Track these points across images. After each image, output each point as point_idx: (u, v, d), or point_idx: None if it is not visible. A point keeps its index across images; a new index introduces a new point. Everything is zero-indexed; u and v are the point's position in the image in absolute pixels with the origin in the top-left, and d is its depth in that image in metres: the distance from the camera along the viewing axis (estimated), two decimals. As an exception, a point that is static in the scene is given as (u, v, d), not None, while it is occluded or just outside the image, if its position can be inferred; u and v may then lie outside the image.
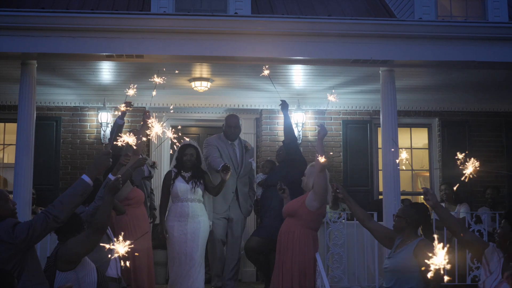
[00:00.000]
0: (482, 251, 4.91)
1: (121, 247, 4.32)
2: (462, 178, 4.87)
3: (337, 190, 5.77)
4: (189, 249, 7.52)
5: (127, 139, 5.35)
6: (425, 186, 5.31)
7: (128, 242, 4.41)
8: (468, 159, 4.86)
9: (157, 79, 7.08)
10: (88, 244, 4.93)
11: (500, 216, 7.26)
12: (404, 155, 5.33)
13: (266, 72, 7.32)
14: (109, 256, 5.82)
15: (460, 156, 4.87)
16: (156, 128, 6.12)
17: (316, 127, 6.81)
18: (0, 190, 4.99)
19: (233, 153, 8.22)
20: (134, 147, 5.95)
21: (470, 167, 4.87)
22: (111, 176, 5.94)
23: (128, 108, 7.83)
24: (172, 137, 6.77)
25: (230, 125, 8.35)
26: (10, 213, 4.78)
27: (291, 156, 7.96)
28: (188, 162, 7.75)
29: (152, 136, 6.14)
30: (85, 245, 4.91)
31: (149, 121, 6.02)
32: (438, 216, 5.11)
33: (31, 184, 7.95)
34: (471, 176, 4.85)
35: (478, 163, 4.87)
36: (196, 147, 7.86)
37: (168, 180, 7.77)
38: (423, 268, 4.61)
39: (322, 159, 6.37)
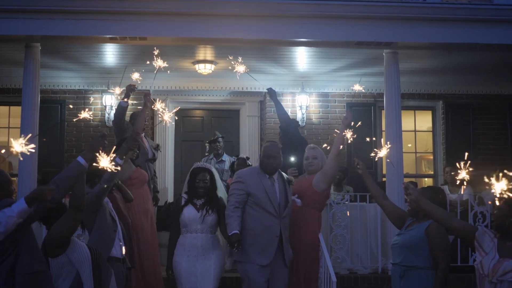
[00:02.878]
0: (473, 235, 4.93)
1: (105, 161, 4.72)
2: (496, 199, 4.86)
3: (358, 166, 5.69)
4: None
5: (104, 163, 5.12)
6: (406, 182, 5.32)
7: (113, 156, 4.77)
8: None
9: (160, 62, 7.12)
10: (70, 225, 4.92)
11: (502, 198, 7.31)
12: (383, 152, 5.50)
13: (241, 69, 7.59)
14: (113, 236, 5.94)
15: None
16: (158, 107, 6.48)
17: (346, 112, 6.88)
18: (4, 173, 5.06)
19: (271, 189, 6.31)
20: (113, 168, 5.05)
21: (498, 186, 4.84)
22: (118, 160, 6.00)
23: (132, 90, 7.91)
24: (168, 119, 6.85)
25: (269, 155, 6.37)
26: (9, 195, 4.86)
27: (290, 139, 8.02)
28: (201, 189, 6.53)
29: (162, 119, 6.32)
30: (67, 226, 4.90)
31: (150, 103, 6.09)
32: (424, 210, 5.06)
33: (36, 167, 8.03)
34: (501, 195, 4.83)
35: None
36: (210, 170, 6.68)
37: (178, 209, 6.58)
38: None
39: (341, 142, 6.42)
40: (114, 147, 5.67)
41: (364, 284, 7.86)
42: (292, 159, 7.55)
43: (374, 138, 5.81)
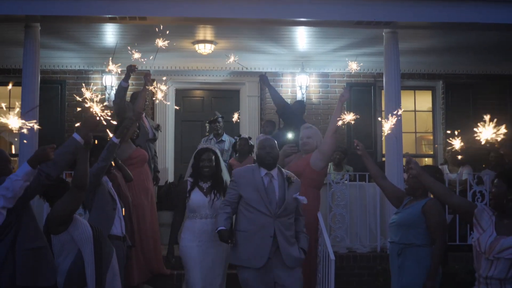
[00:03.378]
0: (472, 212, 4.98)
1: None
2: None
3: (357, 147, 5.76)
4: (214, 279, 6.17)
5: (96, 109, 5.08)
6: (409, 154, 5.41)
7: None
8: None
9: (160, 42, 7.14)
10: (72, 203, 4.98)
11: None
12: (388, 125, 5.47)
13: (231, 59, 7.73)
14: (112, 215, 5.99)
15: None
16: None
17: (344, 90, 6.88)
18: (3, 152, 5.13)
19: (267, 187, 5.93)
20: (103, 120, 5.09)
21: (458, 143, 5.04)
22: (114, 138, 6.05)
23: (133, 70, 7.95)
24: (161, 97, 6.88)
25: (264, 146, 6.05)
26: (7, 174, 4.92)
27: (289, 122, 8.08)
28: (206, 169, 6.27)
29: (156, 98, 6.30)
30: (69, 204, 4.96)
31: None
32: (424, 184, 5.10)
33: (36, 148, 8.03)
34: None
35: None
36: (214, 152, 6.41)
37: (183, 193, 6.29)
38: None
39: (338, 120, 6.40)
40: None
41: (363, 262, 7.91)
42: (290, 135, 7.60)
43: (380, 119, 5.77)
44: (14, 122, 4.52)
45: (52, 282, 5.08)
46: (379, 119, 6.19)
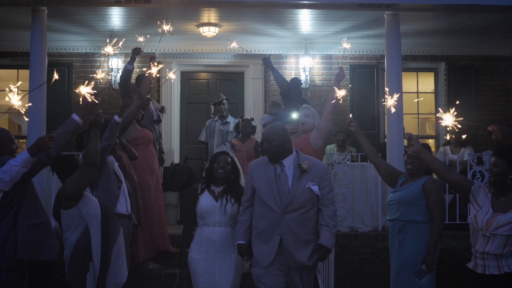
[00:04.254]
0: (469, 189, 5.12)
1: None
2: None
3: (351, 123, 5.82)
4: None
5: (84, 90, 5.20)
6: (410, 132, 5.52)
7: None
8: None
9: (165, 27, 7.25)
10: (82, 180, 5.16)
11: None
12: (391, 101, 5.58)
13: (233, 44, 7.84)
14: (117, 193, 6.17)
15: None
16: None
17: (331, 70, 6.96)
18: (7, 132, 5.35)
19: (283, 176, 5.39)
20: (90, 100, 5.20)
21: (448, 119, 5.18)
22: (116, 117, 6.23)
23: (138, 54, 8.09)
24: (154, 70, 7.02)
25: (265, 139, 5.57)
26: (10, 153, 5.13)
27: (293, 103, 8.20)
28: (220, 171, 5.73)
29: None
30: (80, 181, 5.15)
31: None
32: (423, 160, 5.34)
33: (44, 130, 8.19)
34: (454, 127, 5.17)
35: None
36: (231, 156, 5.88)
37: (193, 196, 5.79)
38: None
39: (335, 100, 6.50)
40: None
41: (365, 241, 8.06)
42: (294, 115, 7.69)
43: (383, 100, 5.83)
44: (16, 101, 4.71)
45: (53, 255, 5.34)
46: (382, 100, 6.29)
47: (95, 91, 5.29)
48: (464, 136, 8.54)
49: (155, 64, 7.31)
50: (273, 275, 5.32)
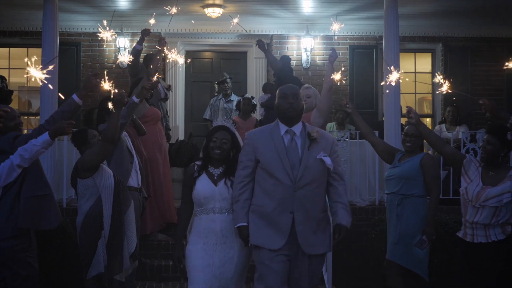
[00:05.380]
0: (461, 162, 5.44)
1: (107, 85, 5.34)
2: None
3: (347, 105, 6.02)
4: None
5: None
6: (410, 106, 5.78)
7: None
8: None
9: (174, 9, 7.50)
10: (101, 153, 5.46)
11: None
12: (394, 77, 5.85)
13: (234, 21, 8.07)
14: (130, 168, 6.48)
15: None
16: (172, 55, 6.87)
17: (330, 51, 7.16)
18: (11, 109, 5.70)
19: (293, 146, 4.75)
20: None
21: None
22: (134, 98, 6.52)
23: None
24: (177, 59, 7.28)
25: (286, 95, 4.84)
26: (15, 128, 5.50)
27: (283, 82, 8.42)
28: (217, 151, 4.87)
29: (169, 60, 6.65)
30: (98, 154, 5.45)
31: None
32: (420, 133, 5.69)
33: (56, 106, 8.36)
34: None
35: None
36: (231, 131, 5.01)
37: (189, 179, 4.94)
38: None
39: (331, 79, 6.66)
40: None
41: (362, 214, 8.30)
42: None
43: (382, 83, 6.01)
44: (35, 72, 5.02)
45: (54, 225, 5.63)
46: (386, 77, 6.41)
47: (96, 73, 5.66)
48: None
49: (166, 47, 7.56)
50: (279, 260, 4.65)
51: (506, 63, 5.70)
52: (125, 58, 6.18)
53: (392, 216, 5.94)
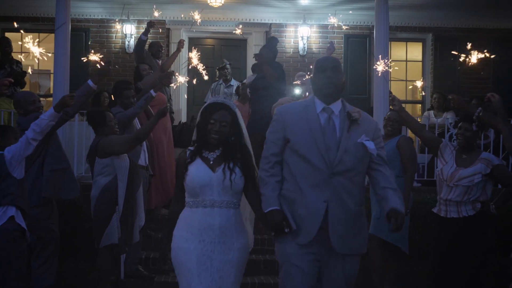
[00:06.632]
0: (438, 146, 5.86)
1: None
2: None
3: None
4: None
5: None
6: (393, 94, 6.05)
7: None
8: None
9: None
10: (127, 147, 6.01)
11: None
12: (380, 67, 6.27)
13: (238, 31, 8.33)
14: (139, 148, 7.03)
15: None
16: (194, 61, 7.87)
17: (326, 39, 7.45)
18: (32, 94, 6.31)
19: (330, 126, 4.07)
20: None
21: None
22: (152, 92, 7.08)
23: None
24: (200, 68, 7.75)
25: (324, 68, 4.13)
26: (35, 111, 6.08)
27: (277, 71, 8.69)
28: (215, 136, 4.09)
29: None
30: (124, 147, 5.98)
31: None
32: (403, 118, 5.95)
33: (68, 89, 8.79)
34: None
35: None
36: (231, 109, 4.19)
37: (181, 166, 4.19)
38: None
39: None
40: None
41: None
42: (297, 91, 8.13)
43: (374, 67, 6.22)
44: (33, 48, 5.68)
45: (73, 195, 6.28)
46: (374, 67, 6.62)
47: (108, 60, 6.24)
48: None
49: (182, 46, 8.07)
50: (307, 259, 4.01)
51: (468, 58, 6.00)
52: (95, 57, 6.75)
53: (374, 195, 6.23)
